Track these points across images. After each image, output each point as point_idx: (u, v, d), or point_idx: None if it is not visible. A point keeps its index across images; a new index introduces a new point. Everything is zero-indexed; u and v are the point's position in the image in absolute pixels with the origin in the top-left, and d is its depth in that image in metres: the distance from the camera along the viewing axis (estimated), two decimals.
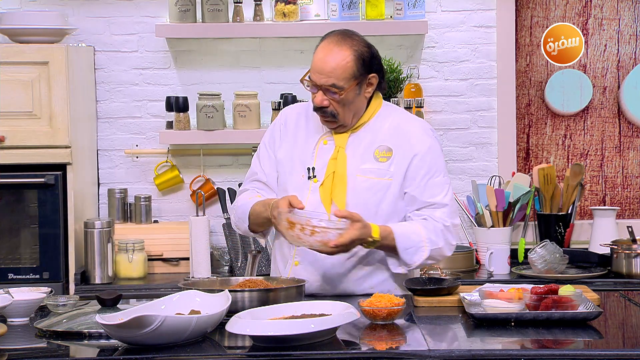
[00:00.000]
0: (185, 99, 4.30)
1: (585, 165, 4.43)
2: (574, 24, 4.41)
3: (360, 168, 3.07)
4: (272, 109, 4.31)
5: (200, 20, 4.31)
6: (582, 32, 4.41)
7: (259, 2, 4.29)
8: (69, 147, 4.01)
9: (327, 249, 2.90)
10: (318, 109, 3.04)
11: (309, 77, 3.04)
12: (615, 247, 3.98)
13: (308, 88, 3.06)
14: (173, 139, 4.34)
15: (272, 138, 3.21)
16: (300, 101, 4.26)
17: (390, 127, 3.10)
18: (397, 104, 4.26)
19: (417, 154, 3.06)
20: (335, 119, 3.05)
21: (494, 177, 4.34)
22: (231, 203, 4.27)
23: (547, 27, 4.41)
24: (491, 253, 4.06)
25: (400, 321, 2.74)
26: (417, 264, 3.04)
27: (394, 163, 3.06)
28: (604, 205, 4.43)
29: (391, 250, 3.02)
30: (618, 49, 4.42)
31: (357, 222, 2.91)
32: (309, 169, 3.11)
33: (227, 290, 2.65)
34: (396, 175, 3.06)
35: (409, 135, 3.08)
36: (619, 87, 4.44)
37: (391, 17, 4.32)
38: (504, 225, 4.21)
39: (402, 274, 3.09)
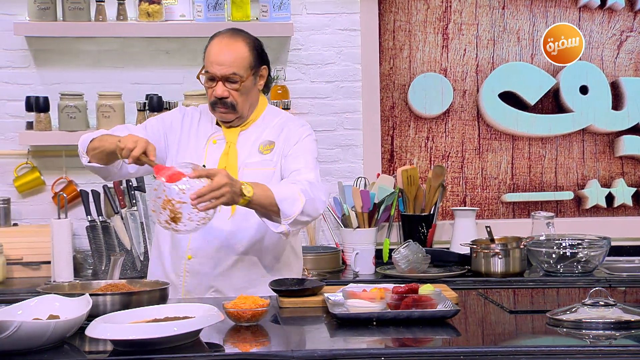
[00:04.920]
0: (46, 98, 4.21)
1: (447, 167, 4.54)
2: (434, 28, 4.51)
3: (246, 162, 3.20)
4: (138, 110, 4.26)
5: (61, 18, 4.22)
6: (442, 36, 4.52)
7: (122, 2, 4.23)
8: None
9: (201, 200, 2.83)
10: (218, 100, 3.16)
11: (205, 71, 3.15)
12: (475, 246, 4.09)
13: (204, 83, 3.17)
14: (33, 139, 4.24)
15: (170, 121, 3.27)
16: (167, 102, 4.23)
17: (275, 125, 3.26)
18: None
19: (295, 142, 3.21)
20: (235, 110, 3.18)
21: (360, 179, 4.40)
22: (95, 206, 4.19)
23: (409, 31, 4.51)
24: (357, 253, 4.11)
25: (265, 322, 2.75)
26: (296, 217, 3.01)
27: (276, 153, 3.21)
28: (465, 206, 4.55)
29: (268, 206, 2.99)
30: (477, 54, 4.55)
31: (222, 170, 2.92)
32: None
33: (87, 294, 2.61)
34: (278, 163, 3.20)
35: (290, 128, 3.25)
36: (477, 90, 4.57)
37: (257, 18, 4.33)
38: (370, 226, 4.28)
39: (284, 233, 3.05)
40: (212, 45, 3.17)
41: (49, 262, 4.07)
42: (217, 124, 3.25)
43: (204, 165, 3.17)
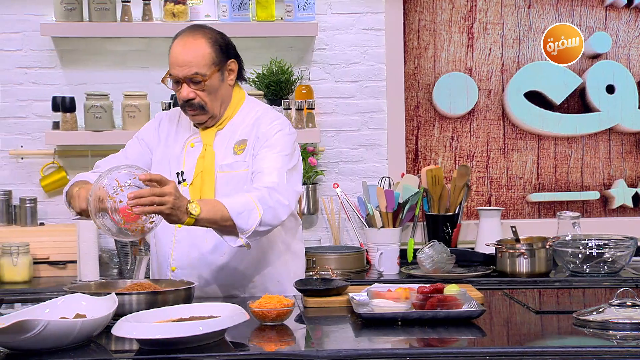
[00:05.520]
0: (72, 99, 4.23)
1: (472, 167, 4.53)
2: (459, 28, 4.50)
3: (221, 164, 3.08)
4: (163, 110, 4.26)
5: (87, 19, 4.24)
6: (467, 36, 4.50)
7: (147, 2, 4.25)
8: None
9: (139, 202, 2.68)
10: (185, 103, 3.05)
11: (170, 74, 3.05)
12: (500, 246, 4.08)
13: (171, 87, 3.07)
14: (60, 139, 4.26)
15: (147, 136, 3.19)
16: None
17: (250, 121, 3.12)
18: (289, 106, 4.29)
19: (265, 140, 3.06)
20: (204, 110, 3.06)
21: (384, 179, 4.39)
22: None
23: (434, 31, 4.49)
24: (381, 253, 4.11)
25: (289, 322, 2.75)
26: (254, 229, 2.86)
27: (248, 153, 3.08)
28: (490, 206, 4.53)
29: (220, 221, 2.84)
30: (502, 53, 4.53)
31: (173, 182, 2.77)
32: (177, 173, 3.09)
33: (113, 293, 2.62)
34: (250, 164, 3.07)
35: (260, 124, 3.09)
36: (503, 90, 4.55)
37: (282, 18, 4.33)
38: (394, 226, 4.27)
39: (244, 246, 2.91)
40: (173, 47, 3.03)
41: (75, 262, 4.09)
42: (196, 125, 3.13)
43: (182, 172, 3.10)
